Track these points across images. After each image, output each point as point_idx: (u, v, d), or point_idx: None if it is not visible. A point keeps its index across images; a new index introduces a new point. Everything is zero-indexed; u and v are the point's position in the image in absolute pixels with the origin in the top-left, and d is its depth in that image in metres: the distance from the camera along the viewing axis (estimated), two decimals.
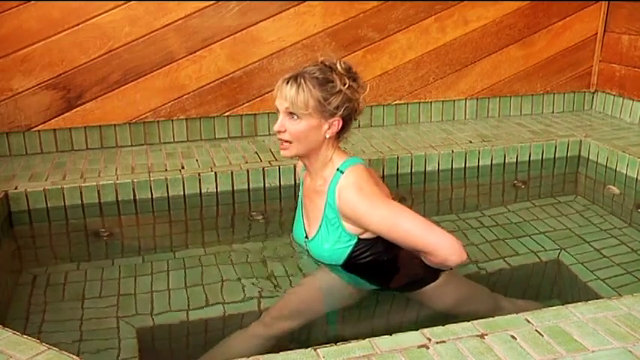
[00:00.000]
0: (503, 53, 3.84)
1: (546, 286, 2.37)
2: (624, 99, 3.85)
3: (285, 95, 1.89)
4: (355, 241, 1.95)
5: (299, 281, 2.15)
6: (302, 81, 1.88)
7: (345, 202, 1.90)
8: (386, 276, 2.04)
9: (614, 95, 3.94)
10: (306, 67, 1.96)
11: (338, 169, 1.96)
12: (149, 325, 1.95)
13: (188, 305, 2.04)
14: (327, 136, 1.95)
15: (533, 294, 2.28)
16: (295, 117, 1.90)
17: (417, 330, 1.49)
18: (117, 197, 2.83)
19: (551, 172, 3.37)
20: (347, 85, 1.91)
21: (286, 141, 1.94)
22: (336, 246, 1.97)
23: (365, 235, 1.95)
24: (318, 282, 2.09)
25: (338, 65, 1.94)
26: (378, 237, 1.96)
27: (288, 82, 1.90)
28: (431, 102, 3.82)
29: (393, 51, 3.62)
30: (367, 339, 1.46)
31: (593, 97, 4.12)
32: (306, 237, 2.09)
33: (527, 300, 2.14)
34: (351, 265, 1.99)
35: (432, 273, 1.97)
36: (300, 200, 2.19)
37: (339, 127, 1.96)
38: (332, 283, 2.06)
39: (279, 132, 1.93)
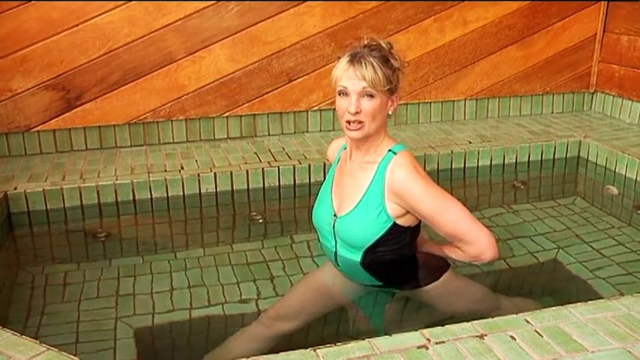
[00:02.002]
0: (502, 54, 3.84)
1: (546, 286, 2.37)
2: (623, 99, 3.85)
3: (363, 75, 1.88)
4: (391, 224, 1.92)
5: (298, 281, 2.15)
6: (371, 60, 1.90)
7: (399, 179, 1.90)
8: (389, 274, 2.04)
9: (613, 96, 3.94)
10: (357, 48, 1.97)
11: (390, 150, 1.97)
12: (148, 325, 1.95)
13: (189, 305, 2.04)
14: (390, 113, 1.98)
15: (533, 294, 2.28)
16: (370, 96, 1.90)
17: (416, 330, 1.49)
18: (116, 198, 2.83)
19: (550, 172, 3.37)
20: (399, 62, 1.97)
21: (359, 121, 1.92)
22: (370, 225, 1.95)
23: (401, 221, 1.93)
24: (317, 282, 2.09)
25: (384, 44, 1.97)
26: (409, 227, 1.96)
27: (359, 63, 1.90)
28: (430, 102, 3.82)
29: None
30: (367, 339, 1.46)
31: (592, 97, 4.12)
32: (335, 215, 2.04)
33: (527, 299, 2.14)
34: (373, 251, 1.96)
35: (434, 272, 1.97)
36: (330, 179, 2.15)
37: (397, 104, 2.00)
38: (331, 283, 2.06)
39: (356, 113, 1.90)
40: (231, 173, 2.96)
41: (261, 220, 2.78)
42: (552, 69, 3.96)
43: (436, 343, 1.44)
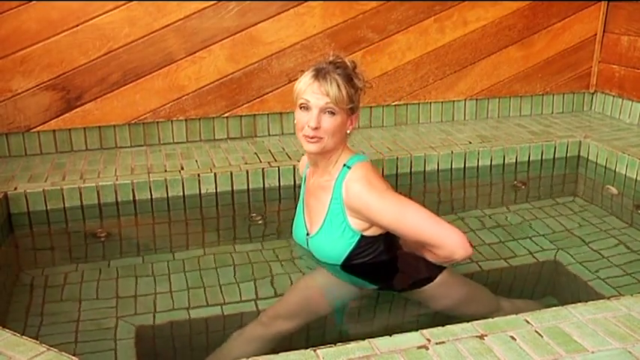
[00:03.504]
0: (502, 54, 3.84)
1: (545, 286, 2.37)
2: (624, 100, 3.85)
3: (327, 91, 1.89)
4: (358, 238, 1.96)
5: (297, 281, 2.15)
6: (336, 77, 1.91)
7: (353, 195, 1.91)
8: (385, 276, 2.04)
9: (613, 96, 3.94)
10: (322, 64, 1.97)
11: (345, 165, 1.99)
12: (149, 325, 1.95)
13: (188, 305, 2.04)
14: (348, 132, 2.00)
15: (533, 294, 2.28)
16: (331, 113, 1.91)
17: (416, 331, 1.49)
18: (116, 198, 2.83)
19: (550, 172, 3.37)
20: (362, 83, 1.98)
21: (318, 137, 1.94)
22: (338, 242, 1.98)
23: (368, 232, 1.95)
24: (316, 282, 2.09)
25: (348, 63, 1.98)
26: (380, 235, 1.96)
27: (324, 79, 1.90)
28: (430, 103, 3.82)
29: (392, 52, 3.62)
30: (367, 339, 1.46)
31: (592, 97, 4.12)
32: (308, 234, 2.09)
33: (527, 300, 2.14)
34: (350, 264, 2.00)
35: (430, 273, 1.97)
36: (302, 198, 2.19)
37: (357, 123, 2.02)
38: (331, 283, 2.06)
39: (315, 128, 1.92)
40: (232, 173, 2.96)
41: (260, 221, 2.78)
42: (552, 69, 3.96)
43: (436, 344, 1.44)
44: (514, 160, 3.33)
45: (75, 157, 3.21)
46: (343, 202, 1.95)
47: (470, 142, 3.38)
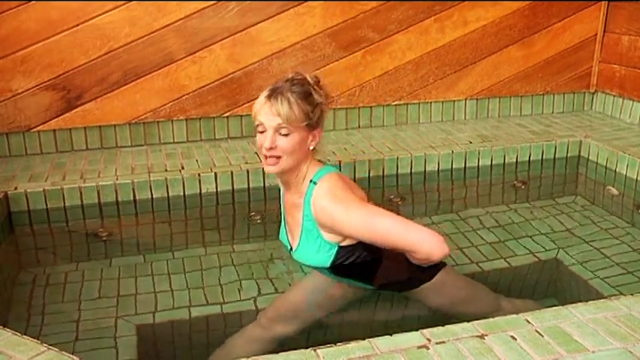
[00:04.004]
0: (502, 54, 3.84)
1: (546, 286, 2.37)
2: (624, 99, 3.85)
3: (278, 111, 1.90)
4: (336, 249, 1.98)
5: (297, 281, 2.15)
6: (289, 95, 1.91)
7: (320, 211, 1.92)
8: (384, 275, 2.04)
9: (614, 96, 3.94)
10: (279, 82, 1.98)
11: (311, 181, 1.99)
12: (149, 324, 1.95)
13: (189, 304, 2.04)
14: (311, 148, 2.00)
15: (533, 294, 2.28)
16: (285, 132, 1.92)
17: (416, 330, 1.49)
18: (117, 197, 2.83)
19: (551, 172, 3.37)
20: (323, 97, 1.98)
21: (275, 157, 1.95)
22: (317, 256, 2.01)
23: (345, 243, 1.97)
24: (316, 282, 2.09)
25: (309, 78, 1.99)
26: (358, 243, 1.97)
27: (275, 99, 1.92)
28: (431, 102, 3.82)
29: (392, 51, 3.62)
30: (367, 339, 1.46)
31: (593, 97, 4.12)
32: (291, 249, 2.13)
33: (527, 300, 2.14)
34: (339, 267, 2.01)
35: (430, 271, 1.97)
36: (282, 214, 2.22)
37: (320, 138, 2.01)
38: (331, 284, 2.06)
39: (271, 149, 1.93)
40: (232, 173, 2.96)
41: (260, 220, 2.78)
42: (553, 69, 3.96)
43: (437, 343, 1.44)
44: (514, 160, 3.33)
45: (75, 157, 3.21)
46: (314, 219, 1.96)
47: (470, 142, 3.38)
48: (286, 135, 1.93)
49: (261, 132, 1.96)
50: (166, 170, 2.98)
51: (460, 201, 3.10)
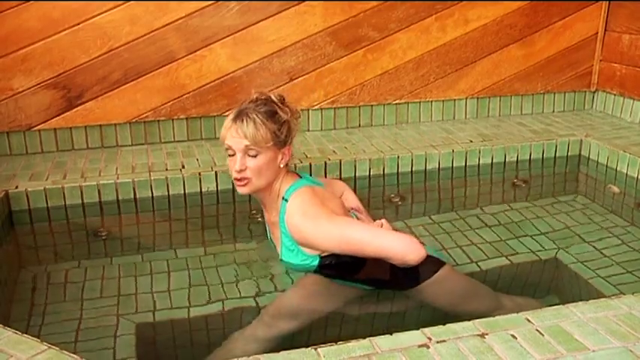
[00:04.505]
0: (503, 53, 3.84)
1: (546, 285, 2.37)
2: (625, 98, 3.85)
3: (244, 133, 1.92)
4: (318, 260, 1.99)
5: (298, 280, 2.15)
6: (255, 116, 1.92)
7: (293, 229, 1.94)
8: (384, 274, 2.04)
9: (614, 95, 3.94)
10: (244, 104, 2.00)
11: (283, 198, 2.00)
12: (149, 323, 1.95)
13: (189, 303, 2.04)
14: (282, 166, 2.01)
15: (534, 293, 2.28)
16: (253, 153, 1.94)
17: (417, 329, 1.49)
18: (117, 196, 2.83)
19: (551, 171, 3.37)
20: (289, 114, 1.99)
21: (246, 178, 1.97)
22: (302, 266, 2.03)
23: (326, 253, 1.97)
24: (317, 281, 2.09)
25: (273, 97, 2.00)
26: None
27: (241, 121, 1.93)
28: (431, 101, 3.82)
29: (393, 50, 3.62)
30: (367, 338, 1.46)
31: (593, 96, 4.12)
32: (279, 256, 2.14)
33: (527, 298, 2.14)
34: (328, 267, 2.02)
35: (430, 269, 1.97)
36: (266, 228, 2.26)
37: (290, 155, 2.03)
38: (331, 282, 2.06)
39: (240, 171, 1.95)
40: None
41: (261, 219, 2.77)
42: (553, 68, 3.96)
43: (437, 342, 1.44)
44: (515, 159, 3.33)
45: (76, 156, 3.21)
46: (290, 236, 1.97)
47: (471, 141, 3.37)
48: (255, 156, 1.95)
49: (231, 155, 1.98)
50: (167, 169, 2.98)
51: (460, 200, 3.10)
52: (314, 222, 1.89)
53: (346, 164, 3.05)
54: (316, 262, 1.98)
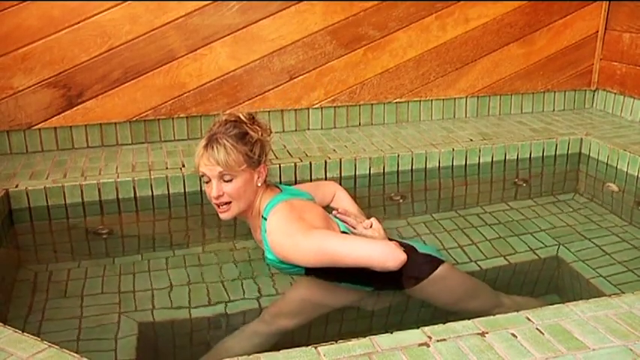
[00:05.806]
0: (503, 51, 3.83)
1: (546, 283, 2.37)
2: (625, 97, 3.85)
3: (216, 160, 1.92)
4: (304, 269, 1.98)
5: (299, 279, 2.15)
6: (225, 141, 1.93)
7: (274, 248, 1.94)
8: (383, 273, 2.03)
9: (614, 93, 3.94)
10: (214, 128, 2.00)
11: (262, 217, 2.00)
12: (150, 322, 1.95)
13: (189, 302, 2.04)
14: (259, 185, 2.02)
15: (534, 291, 2.28)
16: (228, 177, 1.94)
17: (417, 328, 1.50)
18: (117, 195, 2.83)
19: (551, 169, 3.37)
20: (260, 133, 2.00)
21: (225, 203, 1.98)
22: (292, 271, 2.03)
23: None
24: (318, 280, 2.09)
25: (242, 117, 2.01)
26: None
27: (212, 147, 1.93)
28: (431, 100, 3.82)
29: (393, 49, 3.62)
30: (368, 337, 1.46)
31: (593, 95, 4.12)
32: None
33: (527, 297, 2.14)
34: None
35: (429, 268, 1.97)
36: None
37: (267, 172, 2.04)
38: (332, 281, 2.06)
39: (218, 197, 1.96)
40: None
41: None
42: (554, 66, 3.96)
43: (437, 341, 1.44)
44: (515, 158, 3.33)
45: (76, 155, 3.21)
46: (274, 254, 1.97)
47: (471, 140, 3.37)
48: (230, 180, 1.96)
49: (207, 182, 1.99)
50: (167, 168, 2.98)
51: (461, 198, 3.10)
52: (291, 240, 1.88)
53: (346, 163, 3.05)
54: (303, 271, 1.99)
